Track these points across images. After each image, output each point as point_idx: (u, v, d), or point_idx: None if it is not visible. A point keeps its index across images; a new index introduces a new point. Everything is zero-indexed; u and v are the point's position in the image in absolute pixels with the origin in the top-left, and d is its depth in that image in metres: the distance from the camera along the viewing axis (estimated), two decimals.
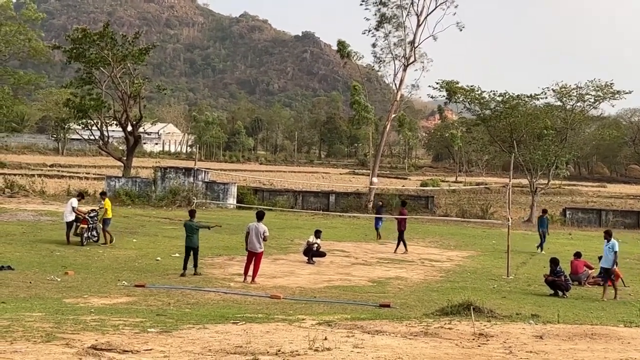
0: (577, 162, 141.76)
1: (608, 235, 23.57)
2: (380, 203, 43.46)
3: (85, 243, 29.02)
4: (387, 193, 60.11)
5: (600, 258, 24.96)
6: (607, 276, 23.06)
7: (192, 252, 23.69)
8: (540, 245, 35.49)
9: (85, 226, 29.30)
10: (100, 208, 30.98)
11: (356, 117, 68.98)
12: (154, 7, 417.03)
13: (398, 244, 32.81)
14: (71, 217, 29.64)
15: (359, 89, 67.81)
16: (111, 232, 30.24)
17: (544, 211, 38.95)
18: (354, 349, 11.02)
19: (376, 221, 38.17)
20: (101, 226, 30.03)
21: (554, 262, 23.42)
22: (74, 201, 30.36)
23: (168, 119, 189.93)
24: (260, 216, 23.04)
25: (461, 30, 58.91)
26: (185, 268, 23.49)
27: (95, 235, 29.85)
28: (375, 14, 59.34)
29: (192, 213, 24.72)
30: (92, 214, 29.83)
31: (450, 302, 16.93)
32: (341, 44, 62.34)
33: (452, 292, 21.24)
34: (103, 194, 33.14)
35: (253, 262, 22.84)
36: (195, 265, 23.82)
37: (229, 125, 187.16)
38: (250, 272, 22.80)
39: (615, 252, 23.15)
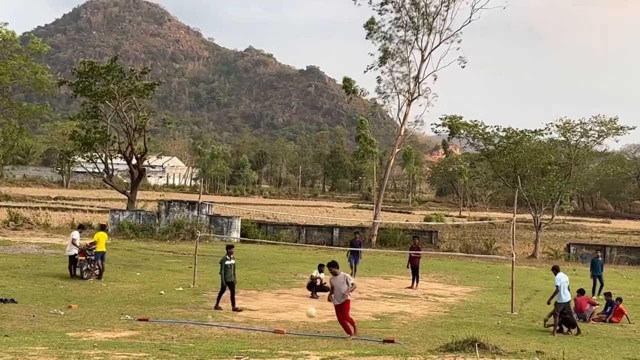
0: (581, 197, 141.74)
1: (556, 271, 23.43)
2: (356, 236, 38.16)
3: (86, 276, 28.90)
4: (390, 227, 60.04)
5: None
6: (557, 312, 22.67)
7: (228, 287, 23.66)
8: (593, 290, 31.72)
9: (84, 258, 29.13)
10: None
11: (361, 151, 69.11)
12: (160, 41, 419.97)
13: (417, 280, 32.72)
14: (74, 250, 29.52)
15: (365, 123, 67.98)
16: (101, 267, 29.71)
17: (597, 251, 37.01)
18: None
19: (351, 257, 34.72)
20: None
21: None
22: (75, 234, 30.25)
23: (172, 152, 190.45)
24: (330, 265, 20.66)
25: (463, 67, 59.10)
26: (233, 303, 23.64)
27: (97, 268, 29.71)
28: (380, 49, 59.67)
29: (228, 248, 24.34)
30: (92, 247, 29.71)
31: (454, 338, 16.88)
32: (347, 81, 62.45)
33: (457, 327, 21.16)
34: (102, 227, 32.81)
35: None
36: (232, 302, 23.80)
37: (233, 158, 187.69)
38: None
39: (556, 287, 22.84)
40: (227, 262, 23.73)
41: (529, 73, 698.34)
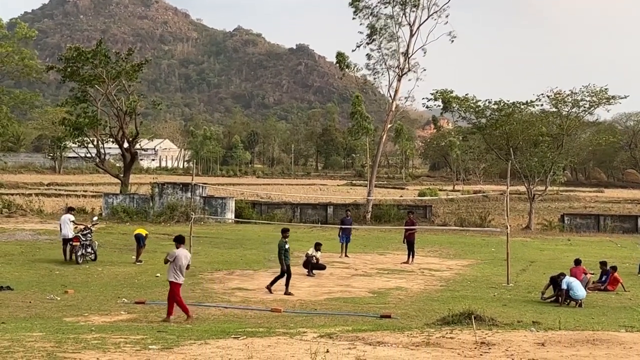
0: (574, 168, 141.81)
1: (563, 276, 23.47)
2: (347, 214, 37.91)
3: (81, 261, 28.85)
4: (384, 204, 60.03)
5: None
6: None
7: (286, 271, 23.42)
8: None
9: (78, 244, 29.05)
10: (94, 224, 31.13)
11: (355, 127, 68.86)
12: (148, 23, 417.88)
13: (413, 255, 32.67)
14: (71, 233, 29.44)
15: (361, 99, 67.77)
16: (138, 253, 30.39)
17: None
18: None
19: (341, 235, 34.57)
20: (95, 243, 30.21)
21: (554, 281, 23.29)
22: (70, 217, 30.16)
23: (164, 135, 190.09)
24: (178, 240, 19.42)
25: (452, 41, 58.94)
26: (287, 286, 23.34)
27: (92, 252, 29.69)
28: (368, 26, 59.42)
29: (284, 232, 23.89)
30: (85, 232, 29.68)
31: (451, 312, 16.95)
32: (340, 56, 61.91)
33: (453, 301, 21.22)
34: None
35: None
36: (286, 285, 23.48)
37: (225, 139, 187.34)
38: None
39: (563, 290, 22.89)
40: (287, 246, 23.63)
41: (518, 46, 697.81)
